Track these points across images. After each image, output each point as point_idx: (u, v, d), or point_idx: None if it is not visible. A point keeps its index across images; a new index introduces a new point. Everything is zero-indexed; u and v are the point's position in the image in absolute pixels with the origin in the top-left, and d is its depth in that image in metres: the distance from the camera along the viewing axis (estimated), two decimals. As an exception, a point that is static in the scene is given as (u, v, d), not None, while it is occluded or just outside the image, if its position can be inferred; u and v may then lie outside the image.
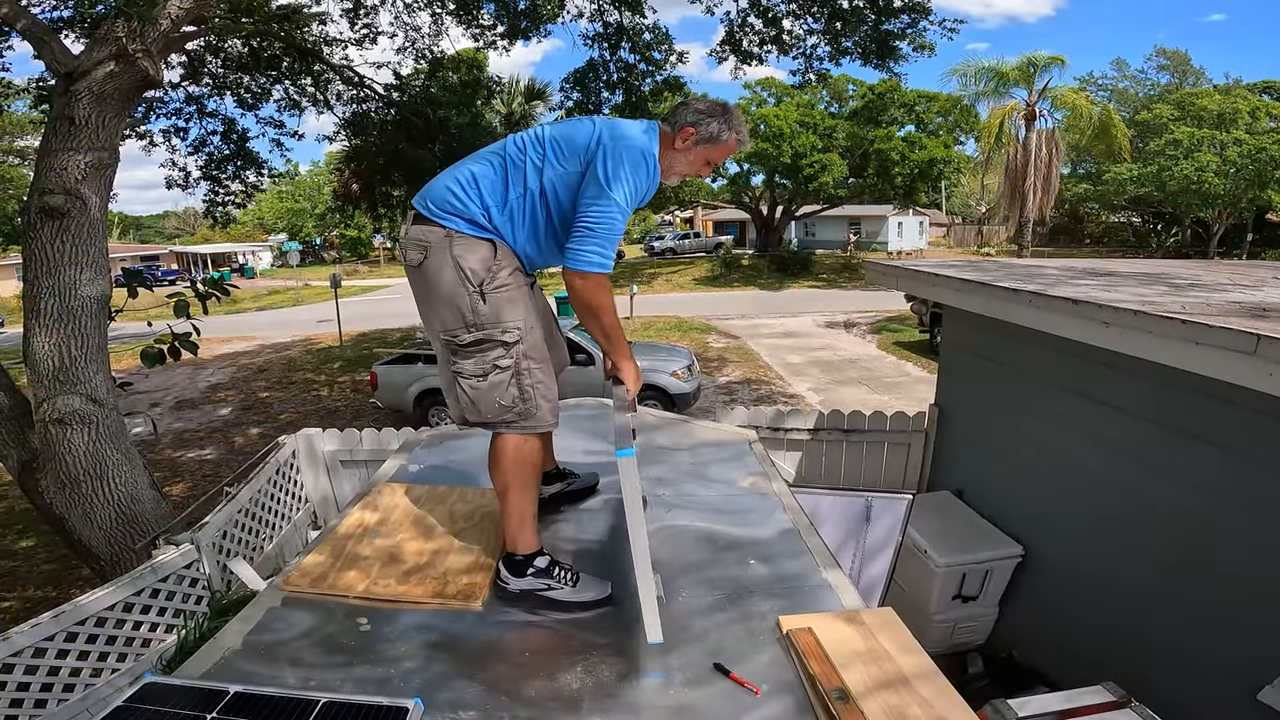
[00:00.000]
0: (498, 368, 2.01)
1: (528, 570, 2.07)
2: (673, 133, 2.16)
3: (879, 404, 10.56)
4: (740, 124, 2.21)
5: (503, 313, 2.00)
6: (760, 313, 21.55)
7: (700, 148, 2.17)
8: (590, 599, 2.05)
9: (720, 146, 2.19)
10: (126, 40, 4.03)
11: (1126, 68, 40.28)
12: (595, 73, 9.22)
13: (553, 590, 2.06)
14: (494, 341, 2.00)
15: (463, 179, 2.03)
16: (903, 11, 7.37)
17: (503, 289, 2.01)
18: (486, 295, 1.98)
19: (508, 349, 2.01)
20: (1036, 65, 24.16)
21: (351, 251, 47.83)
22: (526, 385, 2.04)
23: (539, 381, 2.07)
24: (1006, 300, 3.37)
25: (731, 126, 2.18)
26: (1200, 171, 26.34)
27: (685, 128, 2.14)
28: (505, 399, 2.02)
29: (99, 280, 4.09)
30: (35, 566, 6.86)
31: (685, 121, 2.15)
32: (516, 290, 2.05)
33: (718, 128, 2.15)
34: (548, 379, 2.11)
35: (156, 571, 2.93)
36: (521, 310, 2.04)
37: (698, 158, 2.20)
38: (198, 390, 13.97)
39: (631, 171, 1.99)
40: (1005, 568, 4.01)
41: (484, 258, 2.00)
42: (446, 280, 1.99)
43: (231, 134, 9.18)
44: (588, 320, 2.04)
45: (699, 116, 2.15)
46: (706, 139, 2.16)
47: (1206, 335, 2.24)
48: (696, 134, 2.14)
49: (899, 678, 1.66)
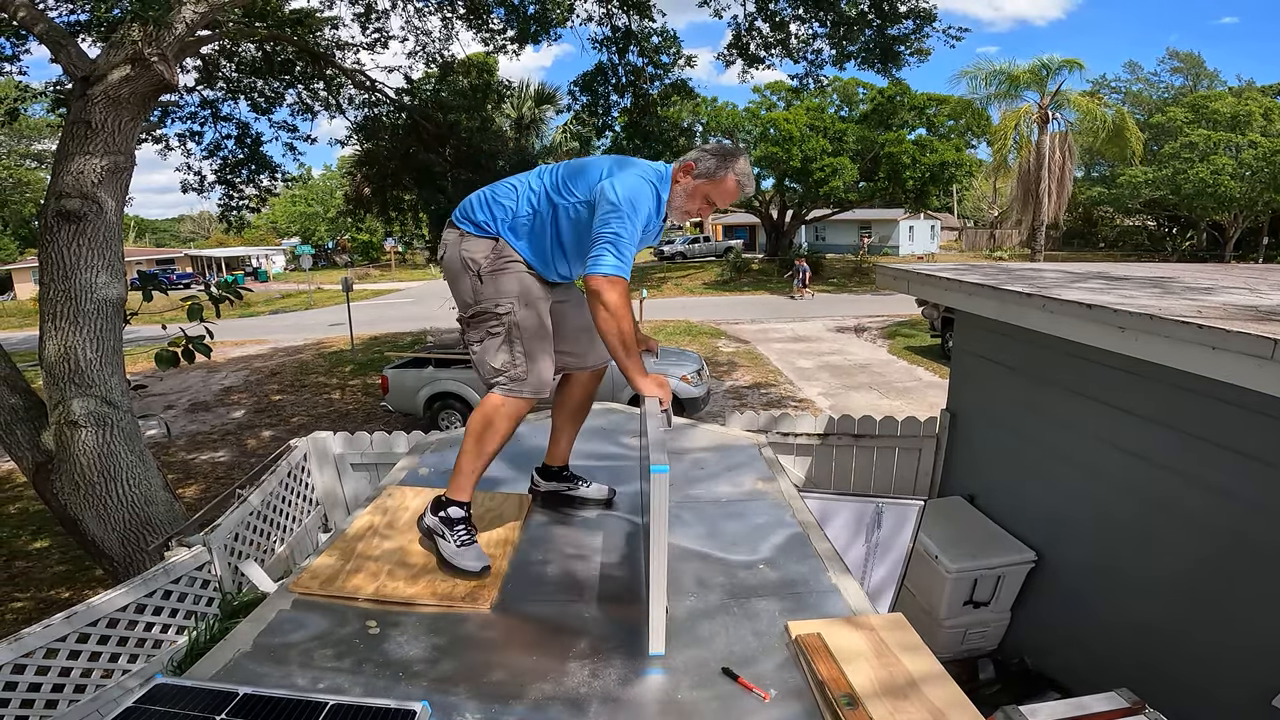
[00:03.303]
0: (490, 334, 2.34)
1: (440, 512, 2.33)
2: (677, 169, 2.37)
3: (890, 409, 10.51)
4: (742, 168, 2.37)
5: (497, 289, 2.32)
6: (770, 317, 21.49)
7: (698, 182, 2.35)
8: (463, 565, 2.23)
9: (719, 184, 2.35)
10: (142, 44, 4.07)
11: (1140, 70, 40.03)
12: (604, 76, 9.23)
13: (442, 540, 2.30)
14: (489, 313, 2.33)
15: (485, 196, 2.40)
16: (908, 17, 7.36)
17: (498, 271, 2.33)
18: (484, 277, 2.33)
19: (500, 319, 2.32)
20: (1049, 68, 24.01)
21: (363, 255, 48.07)
22: (517, 351, 2.32)
23: (530, 351, 2.32)
24: (1019, 305, 3.35)
25: (730, 167, 2.34)
26: (1215, 174, 26.08)
27: (687, 163, 2.36)
28: (497, 361, 2.33)
29: (115, 283, 4.12)
30: (48, 567, 6.92)
31: (688, 158, 2.37)
32: (512, 274, 2.34)
33: (714, 165, 2.33)
34: (541, 353, 2.35)
35: (169, 573, 2.94)
36: (515, 288, 2.33)
37: (697, 193, 2.37)
38: (211, 393, 14.08)
39: (637, 187, 2.22)
40: (1017, 573, 3.98)
41: (484, 250, 2.34)
42: (456, 268, 2.38)
43: (245, 138, 9.25)
44: (605, 325, 2.16)
45: (701, 154, 2.36)
46: (704, 174, 2.34)
47: (1223, 340, 2.21)
48: (695, 168, 2.34)
49: (908, 683, 1.65)
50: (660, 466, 1.66)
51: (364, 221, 20.58)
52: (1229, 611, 2.86)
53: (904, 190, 27.23)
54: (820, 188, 26.65)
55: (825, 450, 4.97)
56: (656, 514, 1.68)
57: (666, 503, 1.68)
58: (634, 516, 2.73)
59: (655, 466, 1.67)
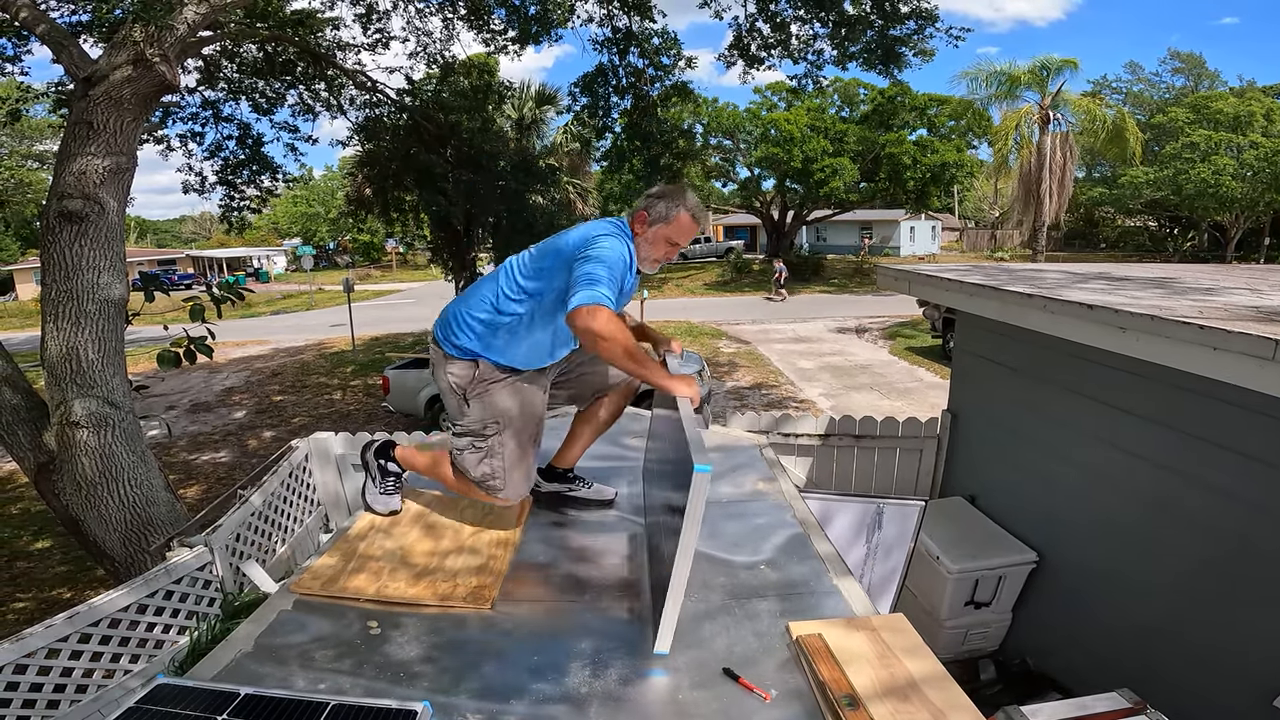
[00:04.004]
0: (474, 448, 2.42)
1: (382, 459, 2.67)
2: (633, 221, 2.40)
3: (891, 409, 10.50)
4: (691, 202, 2.40)
5: (483, 412, 2.41)
6: (771, 317, 21.49)
7: (656, 229, 2.37)
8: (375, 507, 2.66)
9: (675, 224, 2.37)
10: (144, 45, 4.07)
11: (1141, 71, 39.93)
12: (604, 77, 9.23)
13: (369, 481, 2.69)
14: (475, 434, 2.42)
15: (461, 315, 2.41)
16: (910, 18, 7.34)
17: (482, 394, 2.41)
18: (469, 400, 2.42)
19: (485, 438, 2.41)
20: (1049, 68, 23.98)
21: (364, 256, 48.08)
22: (498, 466, 2.41)
23: (510, 468, 2.41)
24: (1020, 305, 3.35)
25: (680, 204, 2.37)
26: (1217, 175, 26.05)
27: (640, 212, 2.39)
28: (477, 472, 2.42)
29: (116, 284, 4.12)
30: (50, 568, 6.93)
31: (638, 207, 2.41)
32: (496, 394, 2.41)
33: (665, 207, 2.36)
34: (519, 469, 2.44)
35: (170, 573, 2.94)
36: (500, 409, 2.40)
37: (658, 238, 2.39)
38: (213, 393, 14.08)
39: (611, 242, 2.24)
40: (1019, 574, 3.97)
41: (467, 374, 2.41)
42: (442, 387, 2.48)
43: (247, 138, 9.25)
44: (607, 353, 2.14)
45: (648, 200, 2.39)
46: (659, 219, 2.37)
47: (1224, 340, 2.21)
48: (649, 216, 2.37)
49: (909, 684, 1.65)
50: (704, 466, 1.64)
51: (365, 222, 20.59)
52: (1230, 612, 2.85)
53: (905, 191, 27.22)
54: (821, 188, 26.63)
55: (826, 451, 4.97)
56: (691, 514, 1.66)
57: (703, 503, 1.66)
58: (635, 517, 2.73)
59: (699, 466, 1.64)
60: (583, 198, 28.41)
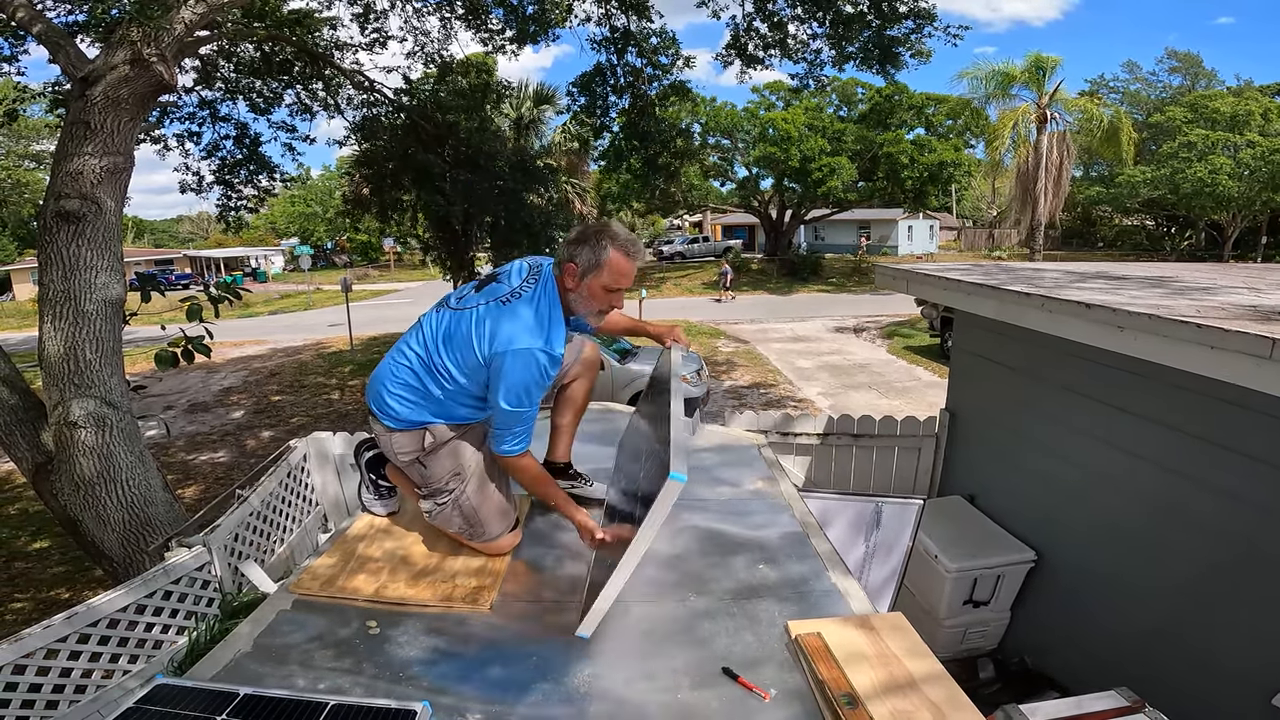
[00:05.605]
0: (440, 505, 2.33)
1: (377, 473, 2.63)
2: (561, 275, 2.17)
3: (889, 409, 10.51)
4: (620, 236, 2.15)
5: (442, 470, 2.31)
6: (769, 317, 21.51)
7: (589, 280, 2.14)
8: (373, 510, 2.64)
9: (608, 269, 2.12)
10: (141, 45, 4.06)
11: (1138, 70, 39.97)
12: (602, 77, 9.24)
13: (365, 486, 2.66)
14: (441, 490, 2.33)
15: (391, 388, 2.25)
16: (907, 17, 7.34)
17: (435, 454, 2.30)
18: (425, 462, 2.31)
19: (450, 493, 2.32)
20: (1044, 66, 24.00)
21: (362, 256, 48.03)
22: (472, 518, 2.33)
23: (485, 518, 2.33)
24: (1019, 304, 3.35)
25: (606, 244, 2.11)
26: (1214, 174, 26.08)
27: (567, 265, 2.14)
28: (453, 527, 2.35)
29: (114, 284, 4.12)
30: (48, 568, 6.92)
31: (563, 259, 2.16)
32: (451, 451, 2.30)
33: (591, 254, 2.11)
34: (494, 517, 2.35)
35: (169, 573, 2.94)
36: (458, 464, 2.31)
37: (594, 289, 2.16)
38: (210, 393, 14.06)
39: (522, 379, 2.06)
40: (1017, 573, 3.98)
41: (414, 444, 2.29)
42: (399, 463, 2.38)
43: (244, 138, 9.23)
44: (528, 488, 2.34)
45: (569, 249, 2.14)
46: (588, 268, 2.13)
47: (1222, 339, 2.22)
48: (577, 268, 2.13)
49: (908, 683, 1.65)
50: (679, 475, 1.56)
51: (362, 222, 20.57)
52: (1229, 612, 2.86)
53: (903, 190, 27.25)
54: (819, 187, 26.64)
55: (825, 450, 4.97)
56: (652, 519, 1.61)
57: (668, 510, 1.61)
58: (634, 516, 2.73)
59: (675, 474, 1.56)
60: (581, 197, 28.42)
